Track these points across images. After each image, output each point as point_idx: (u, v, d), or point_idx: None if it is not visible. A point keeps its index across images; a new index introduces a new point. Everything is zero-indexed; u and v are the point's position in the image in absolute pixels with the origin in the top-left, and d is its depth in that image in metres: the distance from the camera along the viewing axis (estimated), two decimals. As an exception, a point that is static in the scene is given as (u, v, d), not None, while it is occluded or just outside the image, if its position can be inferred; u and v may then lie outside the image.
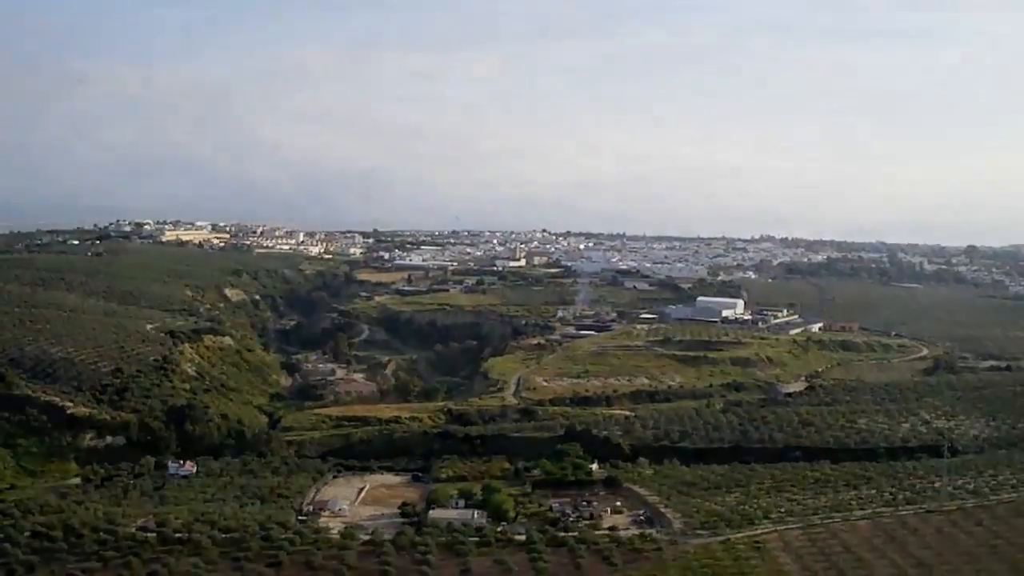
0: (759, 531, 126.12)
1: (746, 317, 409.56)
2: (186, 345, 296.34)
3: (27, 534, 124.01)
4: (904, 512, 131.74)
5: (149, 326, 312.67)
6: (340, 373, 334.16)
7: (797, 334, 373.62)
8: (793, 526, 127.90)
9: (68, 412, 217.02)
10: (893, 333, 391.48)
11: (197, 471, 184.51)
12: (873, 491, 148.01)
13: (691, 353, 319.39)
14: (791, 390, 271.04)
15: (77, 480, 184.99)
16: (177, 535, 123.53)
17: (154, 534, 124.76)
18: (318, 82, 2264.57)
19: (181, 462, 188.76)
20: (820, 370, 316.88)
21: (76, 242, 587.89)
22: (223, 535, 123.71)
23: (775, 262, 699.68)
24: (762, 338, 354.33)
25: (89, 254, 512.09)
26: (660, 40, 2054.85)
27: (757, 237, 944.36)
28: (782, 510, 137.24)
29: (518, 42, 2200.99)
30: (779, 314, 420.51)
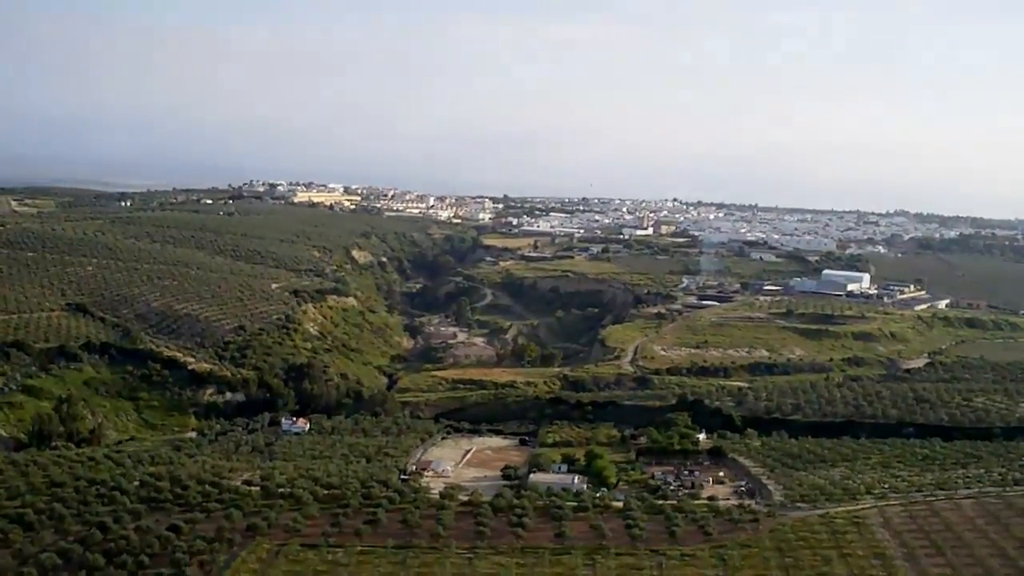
0: (860, 506, 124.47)
1: (872, 292, 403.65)
2: (309, 305, 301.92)
3: (136, 483, 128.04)
4: (1011, 493, 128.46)
5: (274, 285, 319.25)
6: (461, 337, 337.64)
7: (922, 310, 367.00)
8: (895, 502, 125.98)
9: (190, 368, 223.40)
10: (1022, 312, 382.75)
11: (309, 429, 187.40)
12: (982, 470, 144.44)
13: (813, 326, 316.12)
14: (910, 366, 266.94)
15: (193, 434, 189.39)
16: (280, 489, 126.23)
17: (258, 488, 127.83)
18: (458, 48, 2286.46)
19: (294, 419, 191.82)
20: (943, 347, 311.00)
21: (209, 201, 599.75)
22: (324, 491, 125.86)
23: (906, 237, 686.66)
24: (886, 313, 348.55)
25: (221, 213, 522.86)
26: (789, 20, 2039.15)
27: (891, 212, 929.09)
28: (885, 486, 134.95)
29: (660, 16, 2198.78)
30: (905, 289, 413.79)
